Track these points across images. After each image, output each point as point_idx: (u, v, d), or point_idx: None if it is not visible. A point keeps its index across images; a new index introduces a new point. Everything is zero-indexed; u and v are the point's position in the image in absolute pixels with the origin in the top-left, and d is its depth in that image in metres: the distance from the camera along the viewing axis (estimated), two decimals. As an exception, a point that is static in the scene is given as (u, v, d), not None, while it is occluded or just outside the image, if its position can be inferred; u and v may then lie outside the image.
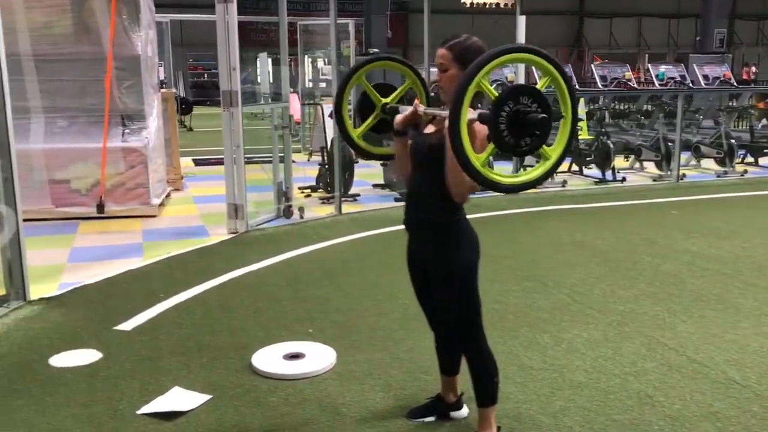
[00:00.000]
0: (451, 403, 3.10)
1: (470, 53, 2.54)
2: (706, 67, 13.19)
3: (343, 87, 3.04)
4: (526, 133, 2.22)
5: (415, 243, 2.84)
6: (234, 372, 3.59)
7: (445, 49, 2.61)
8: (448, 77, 2.59)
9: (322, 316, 4.37)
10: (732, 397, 3.25)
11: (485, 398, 2.78)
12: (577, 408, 3.16)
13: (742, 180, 9.47)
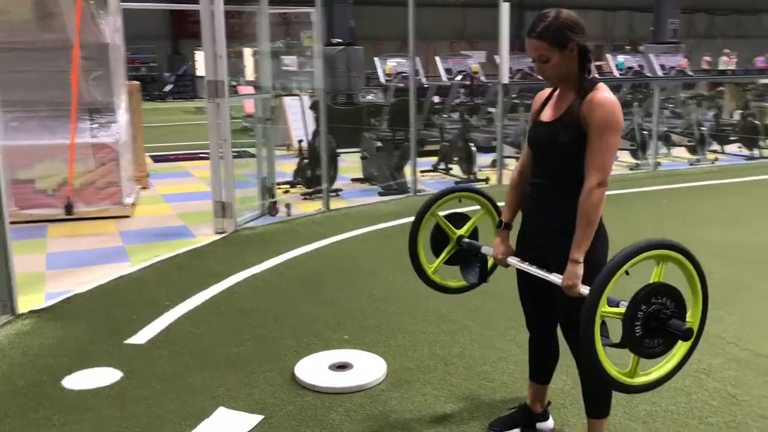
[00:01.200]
0: (538, 414, 2.86)
1: (563, 32, 2.32)
2: (663, 56, 13.40)
3: (418, 223, 2.90)
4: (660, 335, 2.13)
5: (535, 234, 2.56)
6: (278, 387, 3.26)
7: (536, 39, 2.35)
8: (553, 66, 2.36)
9: (352, 321, 4.06)
10: (812, 392, 3.13)
11: (599, 408, 2.54)
12: (665, 412, 2.97)
13: (715, 167, 9.59)
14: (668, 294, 2.11)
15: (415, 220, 2.90)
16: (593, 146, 2.30)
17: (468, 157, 8.41)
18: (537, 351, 2.78)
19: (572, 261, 2.32)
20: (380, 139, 8.32)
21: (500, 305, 4.15)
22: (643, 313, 2.08)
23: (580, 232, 2.32)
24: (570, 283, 2.31)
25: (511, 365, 3.45)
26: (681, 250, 2.18)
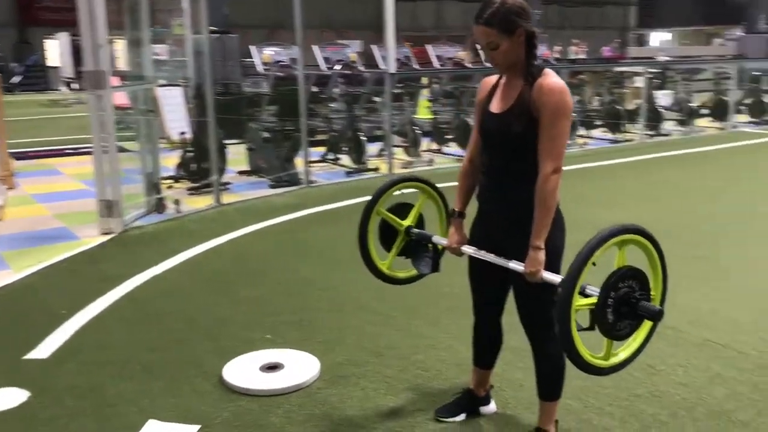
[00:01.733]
0: (482, 398, 2.88)
1: (510, 17, 2.32)
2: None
3: (366, 222, 2.82)
4: (629, 317, 2.19)
5: (491, 223, 2.55)
6: (207, 394, 3.08)
7: (485, 26, 2.33)
8: (503, 52, 2.34)
9: (272, 319, 3.92)
10: None
11: (554, 391, 2.59)
12: (597, 387, 3.08)
13: (587, 151, 10.13)
14: (634, 277, 2.17)
15: (362, 219, 2.82)
16: (546, 133, 2.31)
17: (357, 147, 8.38)
18: (483, 337, 2.79)
19: (534, 248, 2.34)
20: (267, 129, 8.11)
21: (422, 293, 4.15)
22: (613, 299, 2.14)
23: (540, 219, 2.34)
24: (533, 270, 2.34)
25: (443, 352, 3.47)
26: (643, 233, 2.24)
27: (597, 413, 2.89)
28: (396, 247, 2.88)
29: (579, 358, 2.16)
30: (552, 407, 2.60)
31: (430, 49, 13.67)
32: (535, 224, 2.34)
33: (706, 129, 12.08)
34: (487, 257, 2.52)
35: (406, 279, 2.98)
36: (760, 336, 3.59)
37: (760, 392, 3.03)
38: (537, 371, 2.61)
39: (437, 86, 10.74)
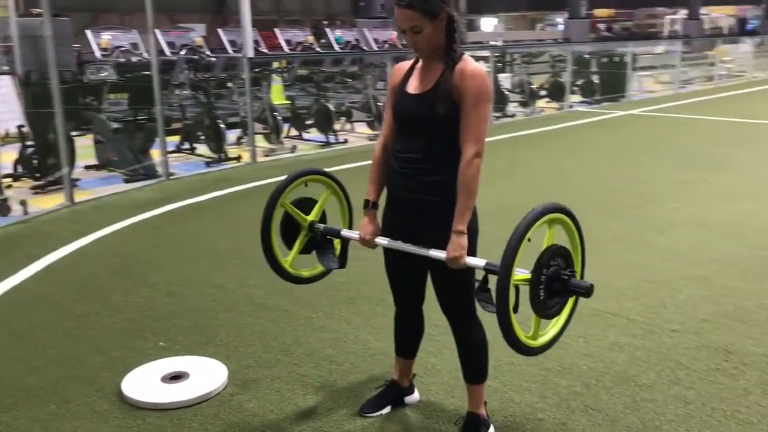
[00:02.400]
0: (406, 388, 2.84)
1: (431, 4, 2.26)
2: (375, 30, 14.10)
3: (269, 216, 2.65)
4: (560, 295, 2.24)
5: (406, 211, 2.47)
6: (108, 413, 2.80)
7: (407, 9, 2.26)
8: (426, 36, 2.29)
9: (162, 324, 3.65)
10: (611, 326, 3.55)
11: (480, 374, 2.58)
12: (507, 365, 3.15)
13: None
14: (562, 255, 2.22)
15: (265, 212, 2.66)
16: (469, 117, 2.29)
17: (216, 136, 8.03)
18: (406, 326, 2.74)
19: (456, 232, 2.31)
20: (117, 119, 7.56)
21: (316, 286, 4.02)
22: (545, 276, 2.16)
23: (463, 204, 2.31)
24: (456, 254, 2.30)
25: (352, 345, 3.39)
26: (566, 211, 2.29)
27: (516, 391, 2.95)
28: (299, 244, 2.75)
29: (515, 338, 2.17)
30: (480, 390, 2.61)
31: (278, 33, 13.40)
32: (459, 209, 2.31)
33: (546, 109, 12.84)
34: (403, 247, 2.46)
35: (310, 277, 2.87)
36: (641, 303, 3.85)
37: (655, 355, 3.24)
38: (462, 356, 2.60)
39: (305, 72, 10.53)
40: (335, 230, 2.72)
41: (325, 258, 2.76)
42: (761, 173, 7.15)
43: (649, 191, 6.42)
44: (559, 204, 2.28)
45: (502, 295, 2.08)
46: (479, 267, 2.30)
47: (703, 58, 19.94)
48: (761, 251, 4.64)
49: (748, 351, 3.25)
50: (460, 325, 2.54)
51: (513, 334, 2.15)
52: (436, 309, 2.57)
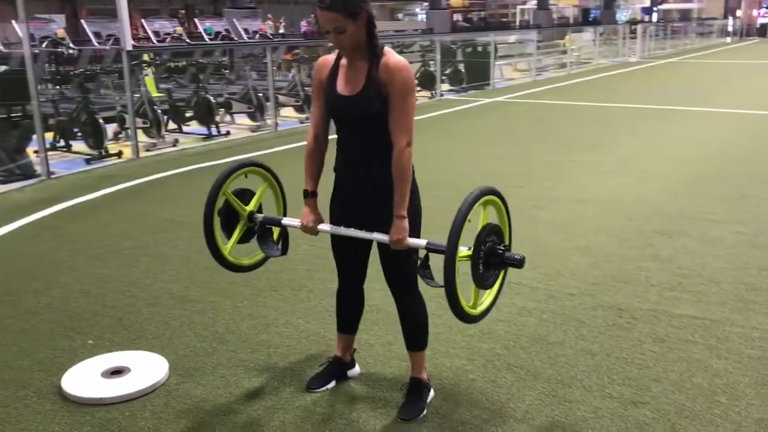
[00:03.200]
0: (348, 363, 3.02)
1: (352, 5, 2.38)
2: (245, 21, 13.96)
3: (212, 205, 2.74)
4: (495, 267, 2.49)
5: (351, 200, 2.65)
6: (55, 412, 2.78)
7: (329, 11, 2.36)
8: (349, 36, 2.40)
9: (86, 323, 3.60)
10: (516, 294, 3.91)
11: (422, 342, 2.80)
12: (435, 334, 3.41)
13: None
14: (495, 232, 2.48)
15: (208, 202, 2.75)
16: (398, 109, 2.45)
17: (95, 132, 7.74)
18: (349, 305, 2.91)
19: (398, 217, 2.51)
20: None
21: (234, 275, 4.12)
22: (483, 252, 2.41)
23: (401, 190, 2.50)
24: (399, 237, 2.50)
25: (284, 329, 3.52)
26: (497, 193, 2.54)
27: (446, 357, 3.22)
28: (237, 233, 2.86)
29: (459, 307, 2.40)
30: (422, 356, 2.84)
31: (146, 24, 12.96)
32: (397, 196, 2.50)
33: (418, 98, 13.30)
34: (349, 232, 2.63)
35: (250, 265, 2.99)
36: (539, 272, 4.24)
37: (559, 317, 3.62)
38: (405, 327, 2.80)
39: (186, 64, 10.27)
40: (276, 219, 2.85)
41: (267, 246, 2.88)
42: (622, 151, 7.90)
43: (526, 172, 6.94)
44: (490, 186, 2.53)
45: (450, 270, 2.29)
46: (421, 247, 2.52)
47: (555, 47, 21.34)
48: (633, 221, 5.21)
49: (636, 307, 3.71)
50: (405, 299, 2.75)
51: (458, 305, 2.38)
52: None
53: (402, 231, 2.51)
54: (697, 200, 5.75)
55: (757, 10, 43.24)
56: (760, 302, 3.75)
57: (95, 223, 5.39)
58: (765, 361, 3.12)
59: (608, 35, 24.32)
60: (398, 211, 2.51)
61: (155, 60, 10.41)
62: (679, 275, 4.14)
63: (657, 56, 25.64)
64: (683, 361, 3.14)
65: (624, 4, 40.81)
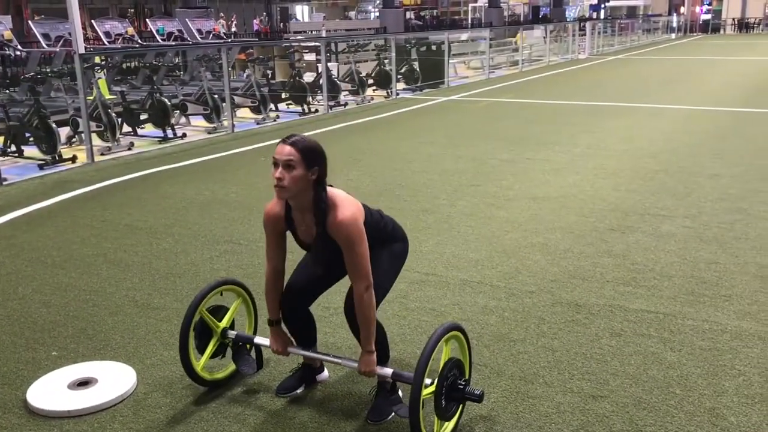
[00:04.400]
0: (317, 368, 3.07)
1: (314, 154, 2.50)
2: (197, 21, 13.81)
3: (189, 324, 2.84)
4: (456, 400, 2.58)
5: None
6: (22, 426, 2.76)
7: (290, 146, 2.45)
8: (293, 177, 2.44)
9: (48, 334, 3.56)
10: (478, 293, 4.00)
11: (385, 357, 2.83)
12: (397, 335, 3.48)
13: (280, 125, 10.53)
14: (457, 366, 2.59)
15: (184, 322, 2.86)
16: (349, 259, 2.54)
17: (48, 136, 7.60)
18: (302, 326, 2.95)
19: (367, 352, 2.64)
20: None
21: (195, 282, 4.13)
22: (446, 387, 2.51)
23: (365, 331, 2.61)
24: (368, 370, 2.65)
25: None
26: (459, 328, 2.67)
27: (413, 356, 3.27)
28: (212, 347, 2.98)
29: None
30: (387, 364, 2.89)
31: (96, 24, 12.71)
32: (362, 335, 2.63)
33: (375, 97, 13.38)
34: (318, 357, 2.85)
35: (222, 379, 3.07)
36: (499, 270, 4.35)
37: (520, 314, 3.72)
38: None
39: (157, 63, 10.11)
40: (248, 338, 3.01)
41: (242, 362, 3.01)
42: (574, 148, 8.09)
43: (482, 171, 7.06)
44: (454, 322, 2.66)
45: (414, 406, 2.40)
46: (387, 378, 2.69)
47: (507, 45, 21.64)
48: (587, 218, 5.37)
49: (593, 303, 3.84)
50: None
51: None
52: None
53: (371, 364, 2.66)
54: (648, 196, 5.95)
55: (700, 6, 44.52)
56: (709, 295, 3.91)
57: (52, 231, 5.31)
58: (715, 353, 3.27)
59: (558, 32, 24.76)
60: (366, 347, 2.65)
61: (108, 62, 10.24)
62: (633, 270, 4.30)
63: (606, 53, 26.21)
64: (639, 354, 3.27)
65: (572, 1, 41.54)
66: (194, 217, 5.52)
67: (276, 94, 11.42)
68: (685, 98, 12.63)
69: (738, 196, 5.87)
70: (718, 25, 43.74)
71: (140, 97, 9.46)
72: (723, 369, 3.13)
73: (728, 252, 4.58)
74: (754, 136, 8.71)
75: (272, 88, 11.31)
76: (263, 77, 11.72)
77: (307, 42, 14.46)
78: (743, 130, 9.24)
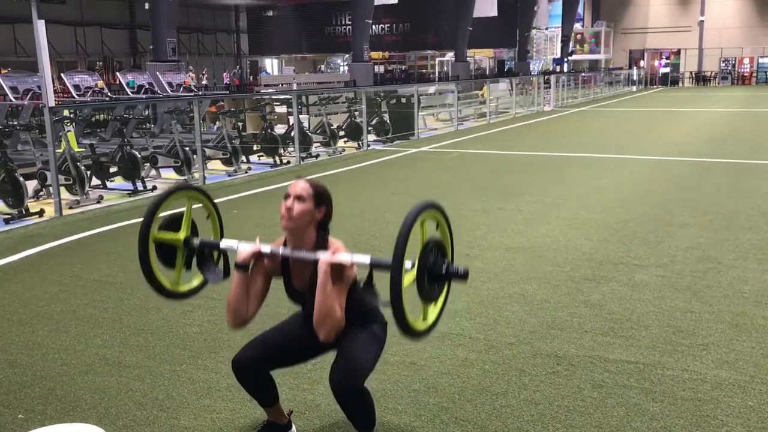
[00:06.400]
0: (284, 425, 2.97)
1: (324, 194, 2.65)
2: (168, 74, 13.85)
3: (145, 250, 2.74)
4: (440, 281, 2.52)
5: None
6: (-17, 496, 2.63)
7: (306, 182, 2.63)
8: (302, 210, 2.57)
9: (13, 396, 3.43)
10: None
11: (369, 421, 2.71)
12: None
13: (252, 176, 10.50)
14: (437, 245, 2.50)
15: (140, 251, 2.73)
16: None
17: (15, 190, 7.46)
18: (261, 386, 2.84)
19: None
20: None
21: (168, 339, 4.03)
22: (428, 268, 2.43)
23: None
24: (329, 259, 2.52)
25: (225, 392, 3.44)
26: (436, 206, 2.56)
27: (393, 413, 3.21)
28: (180, 262, 2.85)
29: (406, 323, 2.38)
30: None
31: (66, 77, 12.68)
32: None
33: (346, 149, 13.45)
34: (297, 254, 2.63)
35: (189, 291, 2.97)
36: (477, 322, 4.32)
37: (501, 367, 3.69)
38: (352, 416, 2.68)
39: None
40: (214, 243, 2.85)
41: (208, 271, 2.87)
42: (545, 198, 8.18)
43: (456, 221, 7.01)
44: (429, 201, 2.55)
45: (396, 286, 2.29)
46: (364, 264, 2.55)
47: (474, 98, 22.05)
48: (562, 268, 5.39)
49: (573, 354, 3.82)
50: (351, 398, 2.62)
51: (405, 320, 2.36)
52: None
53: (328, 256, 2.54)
54: (621, 245, 6.01)
55: (659, 60, 46.04)
56: (686, 344, 3.93)
57: (19, 287, 5.16)
58: (697, 403, 3.27)
59: (524, 85, 25.33)
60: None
61: (77, 115, 10.18)
62: (610, 320, 4.30)
63: (570, 105, 26.84)
64: (622, 406, 3.25)
65: (536, 55, 42.68)
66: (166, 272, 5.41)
67: (247, 146, 11.42)
68: (650, 149, 12.92)
69: (708, 245, 5.96)
70: (677, 77, 45.20)
71: (110, 150, 9.38)
72: (706, 420, 3.12)
73: (702, 301, 4.62)
74: (718, 185, 8.91)
75: (243, 140, 11.32)
76: (234, 129, 11.73)
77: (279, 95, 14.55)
78: (708, 179, 9.46)
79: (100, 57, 34.71)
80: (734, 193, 8.34)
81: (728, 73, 44.21)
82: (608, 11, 47.78)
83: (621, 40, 47.94)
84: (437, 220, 2.61)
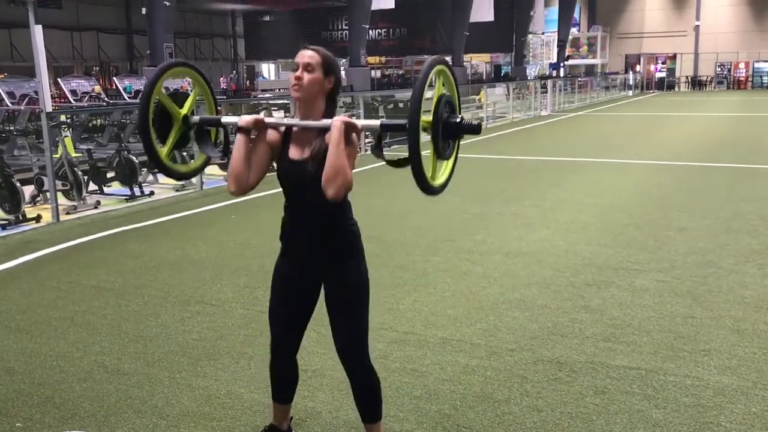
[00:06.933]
0: (285, 431, 2.95)
1: (332, 63, 2.58)
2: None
3: (146, 107, 2.66)
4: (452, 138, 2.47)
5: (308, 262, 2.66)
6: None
7: (313, 51, 2.54)
8: (312, 79, 2.51)
9: (11, 404, 3.40)
10: (458, 351, 3.94)
11: (376, 411, 2.75)
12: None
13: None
14: (448, 102, 2.45)
15: (141, 105, 2.68)
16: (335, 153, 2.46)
17: (12, 195, 7.42)
18: (284, 375, 2.83)
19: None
20: None
21: (167, 346, 4.00)
22: (443, 122, 2.39)
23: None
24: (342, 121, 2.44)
25: (225, 399, 3.42)
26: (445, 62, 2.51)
27: (395, 421, 3.19)
28: (174, 135, 2.77)
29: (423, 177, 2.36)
30: (378, 427, 2.79)
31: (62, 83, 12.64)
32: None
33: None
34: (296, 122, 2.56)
35: (186, 173, 2.97)
36: (478, 328, 4.30)
37: (502, 373, 3.66)
38: (359, 397, 2.73)
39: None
40: (215, 119, 2.77)
41: (206, 147, 2.82)
42: (544, 203, 8.17)
43: (455, 226, 7.07)
44: (438, 57, 2.51)
45: (414, 139, 2.27)
46: (375, 127, 2.52)
47: (471, 102, 22.07)
48: (562, 273, 5.37)
49: (574, 360, 3.80)
50: (357, 368, 2.68)
51: (422, 175, 2.34)
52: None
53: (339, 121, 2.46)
54: (621, 250, 5.99)
55: (654, 65, 46.18)
56: (688, 350, 3.91)
57: (16, 294, 5.13)
58: (700, 409, 3.25)
59: (521, 90, 25.36)
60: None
61: (74, 120, 10.15)
62: (611, 326, 4.28)
63: (567, 109, 26.86)
64: (624, 412, 3.23)
65: (532, 60, 42.75)
66: (164, 277, 5.39)
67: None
68: (647, 153, 12.93)
69: (707, 249, 5.95)
70: (673, 82, 45.34)
71: (107, 155, 9.34)
72: (709, 426, 3.10)
73: (703, 306, 4.60)
74: (716, 189, 8.91)
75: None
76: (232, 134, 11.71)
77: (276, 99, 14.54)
78: (706, 183, 9.46)
79: (96, 62, 34.69)
80: (733, 197, 8.34)
81: (724, 78, 44.40)
82: (604, 16, 47.93)
83: (617, 44, 48.07)
84: (446, 76, 2.54)
